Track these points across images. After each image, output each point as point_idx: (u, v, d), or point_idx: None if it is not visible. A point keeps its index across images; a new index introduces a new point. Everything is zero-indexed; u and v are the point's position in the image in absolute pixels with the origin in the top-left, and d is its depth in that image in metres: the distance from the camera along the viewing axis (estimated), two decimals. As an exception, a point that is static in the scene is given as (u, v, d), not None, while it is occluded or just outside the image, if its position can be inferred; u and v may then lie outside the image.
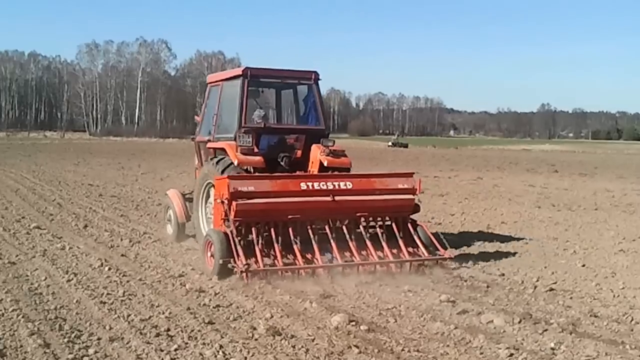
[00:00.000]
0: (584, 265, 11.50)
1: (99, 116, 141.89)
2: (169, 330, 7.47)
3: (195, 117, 14.80)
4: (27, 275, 10.15)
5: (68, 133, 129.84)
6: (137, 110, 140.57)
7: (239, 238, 10.05)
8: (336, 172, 11.75)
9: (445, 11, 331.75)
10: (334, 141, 12.36)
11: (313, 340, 7.23)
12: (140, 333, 7.32)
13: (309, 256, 10.41)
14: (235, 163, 11.48)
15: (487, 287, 9.77)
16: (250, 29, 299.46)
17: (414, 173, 11.81)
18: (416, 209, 11.46)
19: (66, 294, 9.10)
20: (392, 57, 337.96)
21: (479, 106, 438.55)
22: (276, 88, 13.65)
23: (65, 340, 7.04)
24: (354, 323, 7.74)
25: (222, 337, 7.18)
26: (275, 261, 10.13)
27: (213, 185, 11.44)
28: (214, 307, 8.50)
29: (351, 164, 12.32)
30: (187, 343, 7.05)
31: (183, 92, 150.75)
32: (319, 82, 12.91)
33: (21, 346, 6.86)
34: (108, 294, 9.09)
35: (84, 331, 7.43)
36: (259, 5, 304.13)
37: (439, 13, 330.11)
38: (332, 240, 10.52)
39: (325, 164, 11.98)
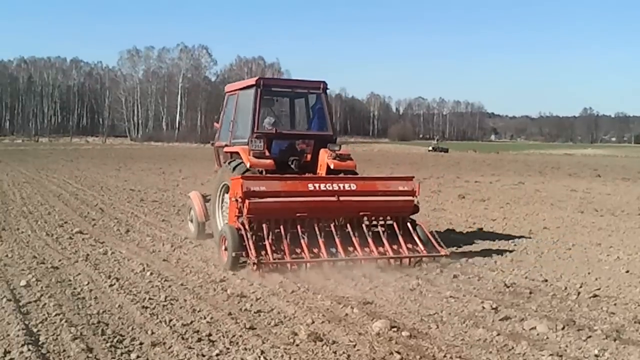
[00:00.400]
0: (627, 271, 11.32)
1: (140, 122, 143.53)
2: (210, 335, 7.49)
3: (215, 124, 15.66)
4: (70, 280, 10.25)
5: (109, 138, 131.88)
6: (177, 116, 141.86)
7: (251, 233, 10.90)
8: (342, 175, 12.59)
9: (485, 15, 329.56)
10: (340, 146, 13.26)
11: (354, 346, 7.20)
12: (182, 338, 7.35)
13: (315, 250, 11.21)
14: (248, 165, 12.35)
15: (530, 293, 9.65)
16: (290, 33, 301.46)
17: (413, 177, 12.67)
18: (415, 209, 12.32)
19: (108, 298, 9.17)
20: (432, 62, 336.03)
21: (520, 110, 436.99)
22: (289, 97, 14.57)
23: (108, 344, 7.10)
24: (395, 329, 7.69)
25: (264, 343, 7.18)
26: (284, 255, 10.94)
27: (228, 186, 12.31)
28: (255, 312, 8.51)
29: (356, 166, 13.17)
30: (228, 348, 7.05)
31: (223, 97, 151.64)
32: (327, 91, 13.75)
33: (64, 350, 6.92)
34: (150, 298, 9.14)
35: (126, 336, 7.47)
36: (298, 11, 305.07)
37: (478, 17, 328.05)
38: (336, 237, 11.33)
39: (332, 167, 12.82)
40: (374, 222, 12.19)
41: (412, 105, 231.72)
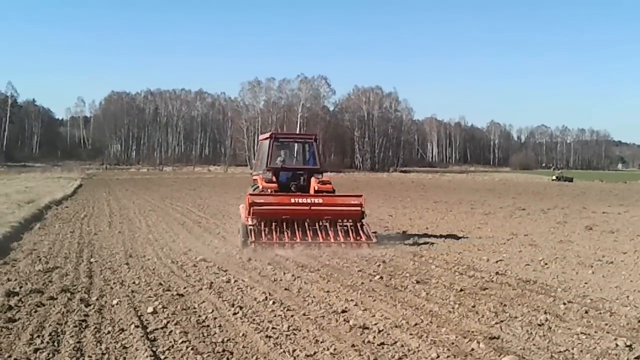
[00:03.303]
0: None
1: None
2: (334, 367, 7.39)
3: (253, 160, 22.99)
4: (195, 308, 10.41)
5: (231, 167, 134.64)
6: (296, 145, 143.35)
7: (254, 227, 17.33)
8: (324, 193, 18.73)
9: (611, 40, 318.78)
10: (323, 175, 20.00)
11: (482, 383, 6.95)
12: (306, 369, 7.28)
13: (294, 238, 17.36)
14: (260, 188, 18.75)
15: (668, 331, 9.12)
16: (407, 64, 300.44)
17: (362, 195, 18.93)
18: (363, 215, 18.37)
19: (232, 326, 9.24)
20: (555, 89, 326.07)
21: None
22: (297, 143, 21.90)
23: (233, 373, 7.11)
24: (525, 366, 7.39)
25: (388, 377, 7.03)
26: (272, 239, 17.14)
27: None
28: (378, 345, 8.36)
29: (334, 188, 19.26)
30: (352, 381, 6.95)
31: (341, 126, 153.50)
32: (317, 140, 20.80)
33: (191, 378, 6.98)
34: (273, 328, 9.14)
35: (250, 365, 7.47)
36: (414, 41, 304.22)
37: (604, 43, 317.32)
38: (308, 231, 17.64)
39: (316, 189, 19.09)
40: (338, 223, 18.15)
41: (534, 134, 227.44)
